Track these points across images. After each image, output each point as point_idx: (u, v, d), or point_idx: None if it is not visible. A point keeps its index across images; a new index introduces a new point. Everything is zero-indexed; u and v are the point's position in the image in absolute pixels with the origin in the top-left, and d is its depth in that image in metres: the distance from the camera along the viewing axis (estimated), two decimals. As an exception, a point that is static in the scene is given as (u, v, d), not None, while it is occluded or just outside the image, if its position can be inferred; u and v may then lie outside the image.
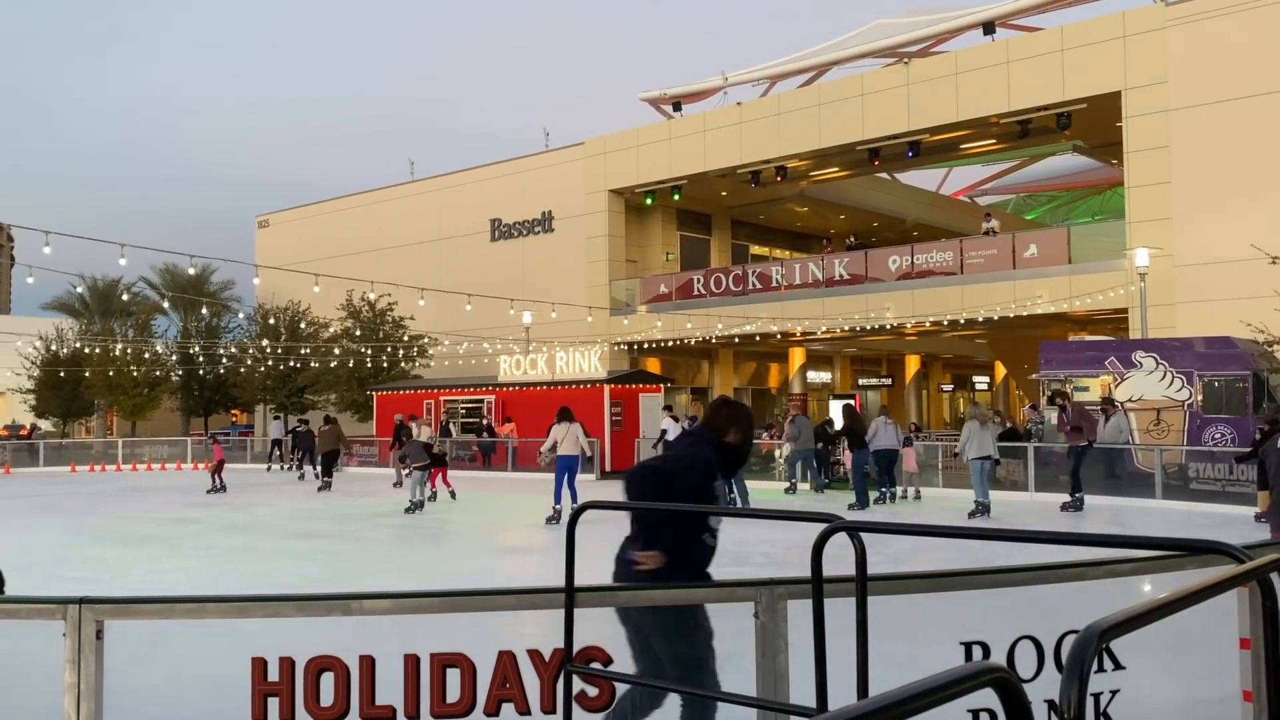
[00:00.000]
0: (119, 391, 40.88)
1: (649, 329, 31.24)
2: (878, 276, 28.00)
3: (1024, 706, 1.15)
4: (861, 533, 2.81)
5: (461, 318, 30.11)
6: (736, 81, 32.02)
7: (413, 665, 3.50)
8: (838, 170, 32.40)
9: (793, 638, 3.61)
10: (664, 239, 35.21)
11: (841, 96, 28.15)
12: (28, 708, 5.00)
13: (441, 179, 38.89)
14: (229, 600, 3.67)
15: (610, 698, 3.56)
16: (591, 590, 3.62)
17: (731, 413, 4.49)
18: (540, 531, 15.64)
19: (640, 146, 32.19)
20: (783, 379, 39.03)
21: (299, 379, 37.44)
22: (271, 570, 11.39)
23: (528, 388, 28.51)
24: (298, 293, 36.60)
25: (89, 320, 45.75)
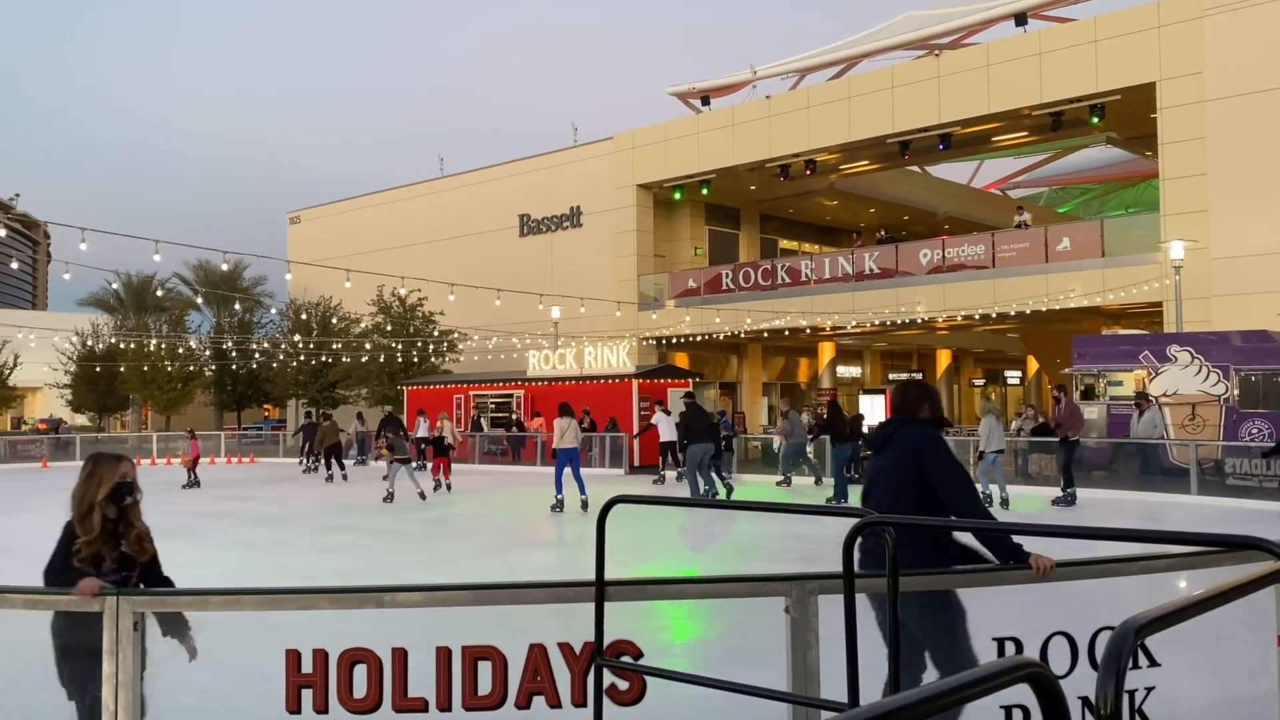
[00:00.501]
0: (153, 386, 41.39)
1: (677, 324, 31.22)
2: (908, 270, 27.82)
3: (1060, 702, 1.14)
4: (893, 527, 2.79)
5: (491, 313, 30.21)
6: (765, 75, 31.89)
7: (444, 658, 3.52)
8: (868, 163, 32.21)
9: (823, 633, 3.60)
10: (692, 233, 35.16)
11: (872, 89, 27.96)
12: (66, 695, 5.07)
13: (470, 175, 39.04)
14: (263, 593, 3.71)
15: (641, 691, 3.56)
16: (622, 584, 3.63)
17: (920, 392, 4.75)
18: (569, 525, 15.70)
19: (669, 141, 32.14)
20: (812, 374, 38.88)
21: (330, 374, 37.77)
22: (303, 564, 11.49)
23: (556, 382, 28.56)
24: (329, 288, 36.87)
25: (124, 316, 46.33)
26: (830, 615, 3.60)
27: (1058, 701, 1.15)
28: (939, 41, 28.12)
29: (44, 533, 14.88)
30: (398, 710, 3.49)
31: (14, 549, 12.96)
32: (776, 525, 13.66)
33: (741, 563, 11.11)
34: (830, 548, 12.33)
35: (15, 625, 4.57)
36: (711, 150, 31.03)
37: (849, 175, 33.74)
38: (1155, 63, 23.11)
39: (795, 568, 10.64)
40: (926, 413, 4.62)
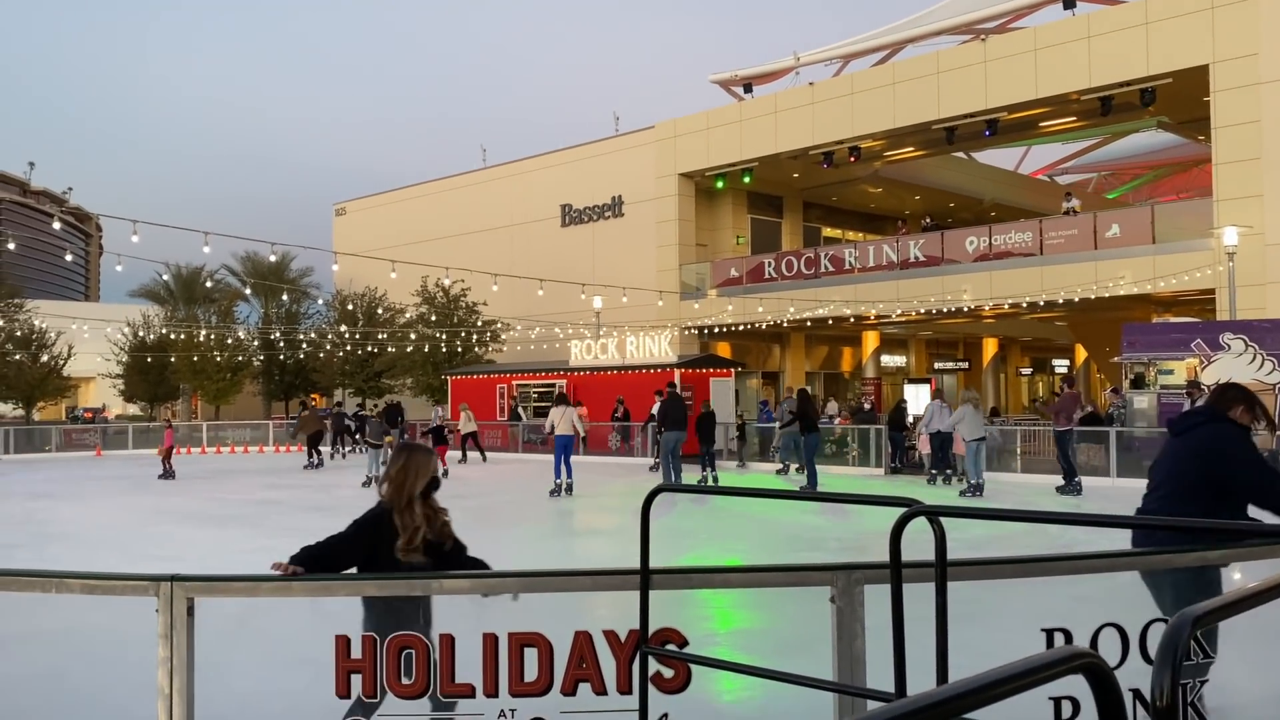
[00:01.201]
0: (203, 376, 42.03)
1: (719, 313, 31.14)
2: (954, 258, 27.52)
3: (1115, 694, 1.13)
4: (941, 517, 2.77)
5: (533, 303, 30.34)
6: (809, 61, 31.66)
7: (491, 644, 3.55)
8: (913, 150, 31.88)
9: (868, 623, 3.59)
10: (734, 222, 35.03)
11: (916, 75, 27.66)
12: (122, 679, 5.20)
13: (513, 165, 39.19)
14: (313, 579, 3.76)
15: (686, 680, 3.57)
16: (666, 572, 3.63)
17: (1240, 395, 4.94)
18: (610, 514, 15.75)
19: (711, 129, 32.02)
20: (856, 363, 38.63)
21: (376, 363, 38.16)
22: (351, 551, 11.61)
23: (598, 372, 28.63)
24: (374, 279, 37.22)
25: (174, 307, 47.06)
26: (874, 605, 3.58)
27: (1113, 693, 1.13)
28: (985, 26, 27.75)
29: (95, 520, 15.30)
30: (445, 695, 3.53)
31: (67, 535, 13.28)
32: (819, 515, 13.62)
33: (784, 552, 11.08)
34: (875, 538, 12.32)
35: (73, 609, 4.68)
36: (754, 138, 30.88)
37: (894, 162, 33.43)
38: (1208, 44, 22.63)
39: (838, 557, 10.61)
40: (1239, 414, 4.84)
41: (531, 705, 3.57)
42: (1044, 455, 21.49)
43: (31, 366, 40.26)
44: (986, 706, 1.09)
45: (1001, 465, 20.28)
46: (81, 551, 11.76)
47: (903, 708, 0.89)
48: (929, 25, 29.36)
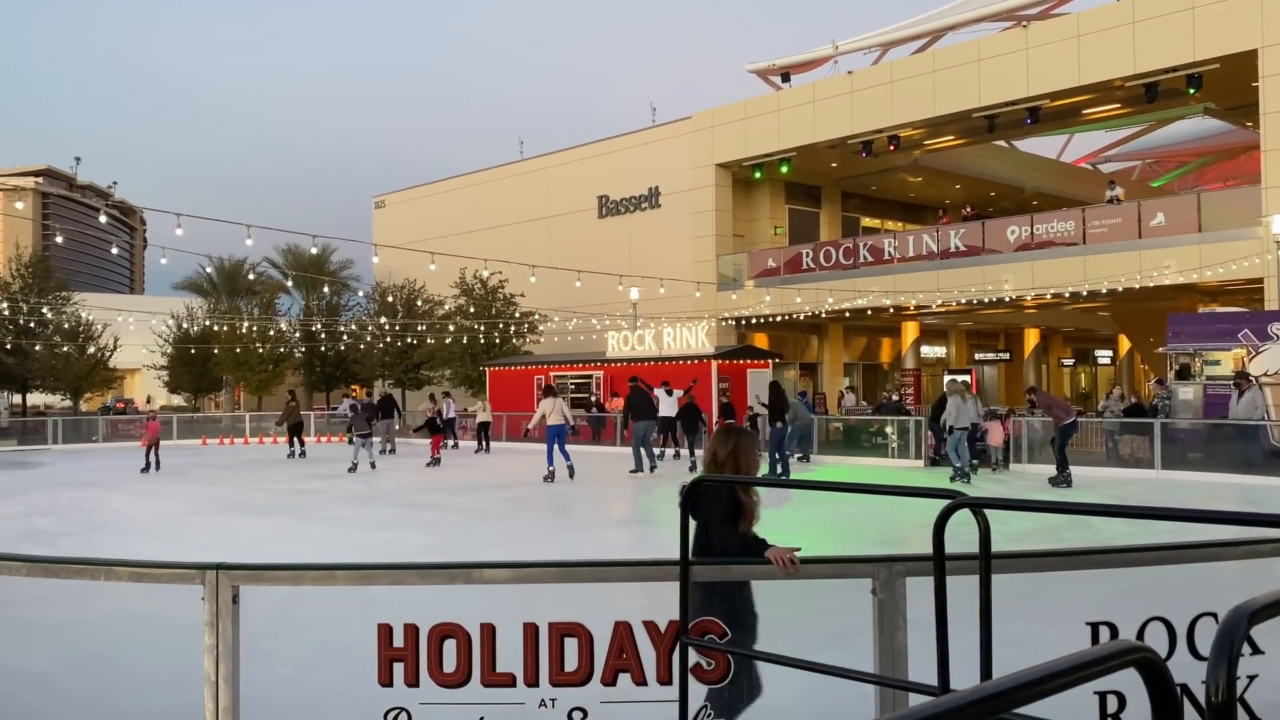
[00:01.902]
0: (245, 368, 42.59)
1: (757, 304, 31.03)
2: (995, 248, 27.22)
3: (1170, 688, 1.11)
4: (985, 509, 2.74)
5: (570, 294, 30.39)
6: (847, 50, 31.40)
7: (532, 634, 3.56)
8: (953, 138, 31.55)
9: (910, 616, 3.56)
10: (772, 212, 34.85)
11: (957, 63, 27.36)
12: (169, 665, 5.28)
13: (550, 157, 39.25)
14: (356, 568, 3.79)
15: (726, 671, 3.56)
16: (706, 563, 3.63)
17: None
18: (648, 505, 15.78)
19: (748, 119, 31.87)
20: (895, 354, 38.35)
21: (415, 355, 38.45)
22: (390, 540, 11.73)
23: (635, 363, 28.64)
24: (413, 271, 37.47)
25: (217, 299, 47.70)
26: (915, 597, 3.55)
27: (1167, 688, 1.11)
28: (1027, 12, 27.35)
29: (140, 509, 15.50)
30: (486, 685, 3.55)
31: (112, 524, 13.50)
32: (858, 507, 13.54)
33: (822, 544, 11.04)
34: (914, 530, 12.20)
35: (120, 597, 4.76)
36: (792, 128, 30.69)
37: (933, 151, 33.10)
38: (1256, 28, 22.17)
39: (876, 549, 10.54)
40: None
41: (572, 695, 3.59)
42: (1085, 447, 21.26)
43: (79, 358, 40.97)
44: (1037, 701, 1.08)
45: (1043, 458, 20.07)
46: (127, 540, 11.96)
47: (960, 700, 0.88)
48: (969, 12, 28.98)
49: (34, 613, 6.04)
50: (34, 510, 14.76)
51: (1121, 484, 16.69)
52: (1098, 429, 21.99)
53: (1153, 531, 10.39)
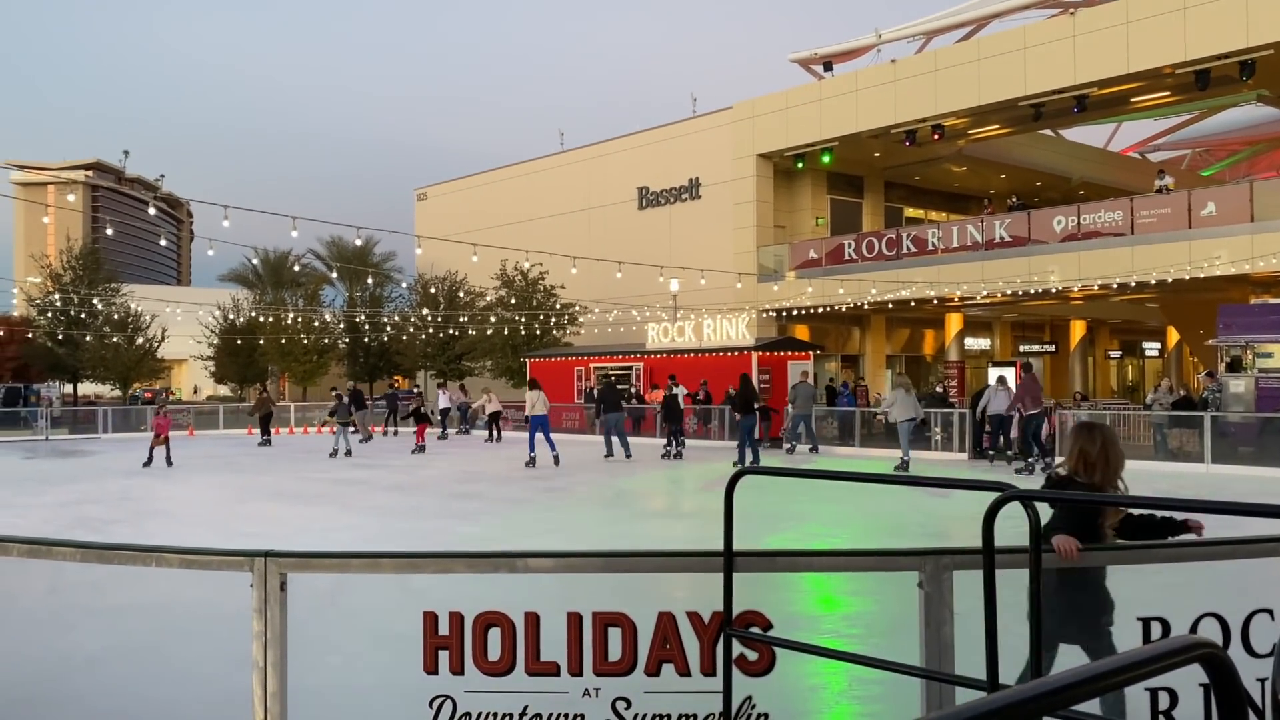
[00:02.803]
0: (290, 358, 43.08)
1: (798, 295, 30.85)
2: (1041, 238, 26.84)
3: (1236, 686, 1.08)
4: (1035, 502, 2.70)
5: (610, 286, 30.40)
6: (890, 38, 31.09)
7: (575, 623, 3.57)
8: (998, 128, 31.13)
9: (955, 609, 3.53)
10: (813, 203, 34.61)
11: (1002, 50, 26.98)
12: (217, 651, 5.36)
13: (590, 149, 39.28)
14: (402, 556, 3.82)
15: (770, 663, 3.55)
16: (750, 555, 3.61)
17: None
18: (689, 496, 15.78)
19: (789, 109, 31.66)
20: (938, 346, 37.98)
21: (457, 346, 38.68)
22: (434, 529, 11.82)
23: (675, 355, 28.60)
24: (455, 263, 37.67)
25: (262, 291, 48.27)
26: (962, 591, 3.52)
27: (1234, 685, 1.08)
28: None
29: (188, 497, 15.73)
30: (530, 673, 3.56)
31: (163, 512, 13.73)
32: (900, 499, 13.44)
33: (865, 537, 10.97)
34: (960, 524, 12.07)
35: (170, 583, 4.83)
36: (834, 117, 30.45)
37: (978, 140, 32.69)
38: (1314, 13, 21.64)
39: (920, 542, 10.46)
40: None
41: (615, 684, 3.59)
42: (1134, 440, 20.95)
43: (128, 349, 41.66)
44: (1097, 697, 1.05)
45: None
46: (176, 527, 12.16)
47: (1024, 694, 0.86)
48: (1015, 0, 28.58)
49: (86, 598, 6.15)
50: (85, 498, 15.05)
51: (1170, 478, 16.42)
52: (1145, 422, 21.66)
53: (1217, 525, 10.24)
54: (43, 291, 43.37)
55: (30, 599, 5.56)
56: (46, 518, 12.67)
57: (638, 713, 3.58)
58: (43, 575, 5.16)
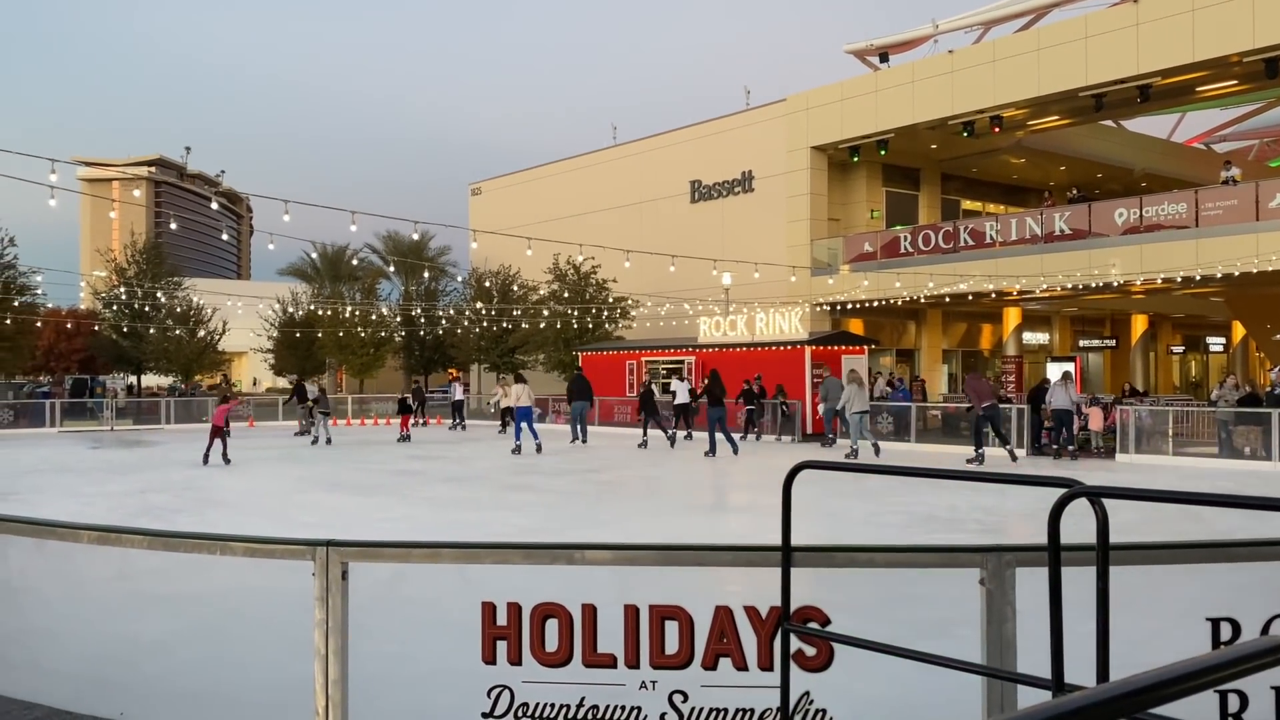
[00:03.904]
0: (347, 351, 43.68)
1: (853, 289, 30.59)
2: (1102, 231, 26.34)
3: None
4: (1104, 499, 2.65)
5: (661, 280, 30.39)
6: (948, 29, 30.69)
7: (632, 616, 3.57)
8: (1058, 118, 30.60)
9: (1018, 607, 3.48)
10: (869, 196, 34.28)
11: (1063, 40, 26.48)
12: (278, 639, 5.44)
13: (643, 143, 39.27)
14: (461, 546, 3.85)
15: (828, 658, 3.52)
16: (809, 550, 3.59)
17: None
18: (741, 491, 15.73)
19: (845, 101, 31.38)
20: (996, 340, 37.46)
21: (510, 339, 38.95)
22: (488, 520, 11.91)
23: (728, 349, 28.53)
24: (508, 257, 37.92)
25: (320, 285, 48.97)
26: (1023, 589, 3.46)
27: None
28: (1138, -14, 26.29)
29: (248, 487, 16.01)
30: (587, 665, 3.57)
31: (225, 503, 13.99)
32: (959, 496, 13.29)
33: (921, 532, 10.86)
34: (1017, 519, 11.88)
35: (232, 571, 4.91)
36: (890, 109, 30.12)
37: (1038, 131, 32.15)
38: (1391, -2, 20.96)
39: (978, 539, 10.32)
40: None
41: (672, 678, 3.59)
42: (1198, 437, 20.52)
43: (189, 341, 42.50)
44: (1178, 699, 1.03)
45: (1151, 448, 19.47)
46: (237, 516, 12.38)
47: (1110, 692, 0.84)
48: (1077, -13, 28.03)
49: (153, 584, 6.28)
50: (150, 487, 15.39)
51: (1236, 476, 16.06)
52: (1209, 419, 21.19)
53: (1272, 525, 9.99)
54: (108, 285, 44.41)
55: (99, 585, 5.69)
56: (113, 506, 12.98)
57: (695, 706, 3.58)
58: (111, 562, 5.29)
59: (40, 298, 42.69)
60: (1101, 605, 2.69)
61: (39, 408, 32.25)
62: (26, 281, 39.36)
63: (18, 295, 38.58)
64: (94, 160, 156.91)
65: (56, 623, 5.65)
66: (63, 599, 5.80)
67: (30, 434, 29.12)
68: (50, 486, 15.67)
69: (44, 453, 22.56)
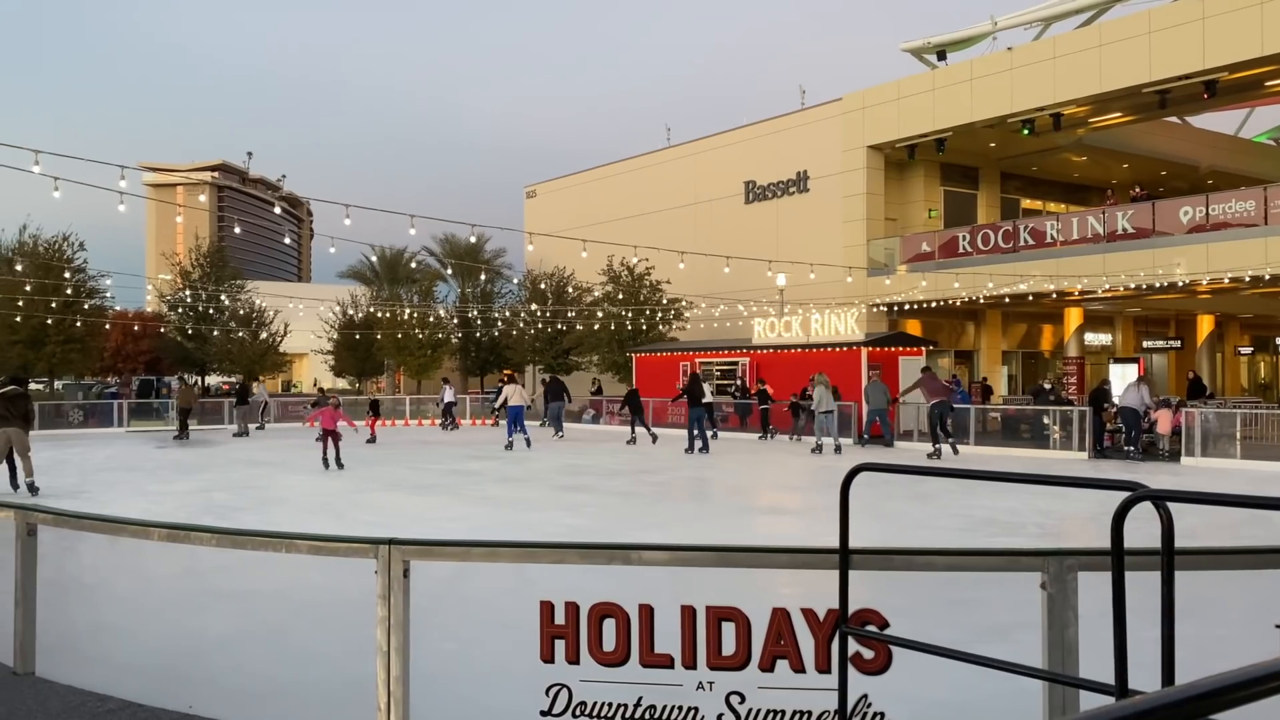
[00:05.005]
0: (405, 353, 44.21)
1: (910, 289, 30.28)
2: (1166, 230, 25.79)
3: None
4: (1169, 503, 2.61)
5: (715, 281, 30.34)
6: (1007, 25, 30.28)
7: (689, 616, 3.58)
8: (1120, 115, 30.02)
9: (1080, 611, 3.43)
10: (926, 195, 33.92)
11: (1126, 35, 25.98)
12: (339, 635, 5.53)
13: (696, 144, 39.25)
14: (519, 546, 3.90)
15: (887, 661, 3.51)
16: (867, 553, 3.57)
17: None
18: (795, 493, 15.65)
19: (901, 99, 31.08)
20: (1057, 341, 36.85)
21: (564, 341, 39.15)
22: (543, 520, 11.98)
23: (782, 350, 28.40)
24: (563, 258, 38.10)
25: (379, 287, 49.63)
26: (1085, 593, 3.42)
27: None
28: (1204, -21, 25.72)
29: (308, 486, 16.24)
30: (645, 665, 3.59)
31: (284, 500, 14.23)
32: (1019, 499, 13.10)
33: (980, 536, 10.72)
34: (1077, 522, 11.66)
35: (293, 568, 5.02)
36: (948, 107, 29.78)
37: (1099, 128, 31.56)
38: None
39: (1037, 543, 10.17)
40: None
41: (729, 679, 3.59)
42: (1268, 440, 20.03)
43: (252, 343, 43.31)
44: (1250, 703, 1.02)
45: (1219, 451, 19.01)
46: (298, 515, 12.59)
47: (1177, 695, 0.84)
48: (1140, -19, 27.48)
49: (219, 581, 6.42)
50: (213, 486, 15.71)
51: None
52: (1278, 422, 20.71)
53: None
54: (173, 288, 45.42)
55: (168, 581, 5.84)
56: (179, 505, 13.26)
57: (752, 707, 3.58)
58: (179, 559, 5.42)
59: (108, 301, 43.83)
60: (1167, 611, 2.65)
61: (107, 408, 33.06)
62: (96, 285, 40.43)
63: (87, 298, 39.63)
64: (159, 166, 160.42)
65: (127, 617, 5.81)
66: (133, 594, 5.96)
67: (99, 433, 29.88)
68: (119, 485, 16.07)
69: (112, 451, 23.14)
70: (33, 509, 5.68)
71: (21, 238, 38.34)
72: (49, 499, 13.46)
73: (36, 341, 37.25)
